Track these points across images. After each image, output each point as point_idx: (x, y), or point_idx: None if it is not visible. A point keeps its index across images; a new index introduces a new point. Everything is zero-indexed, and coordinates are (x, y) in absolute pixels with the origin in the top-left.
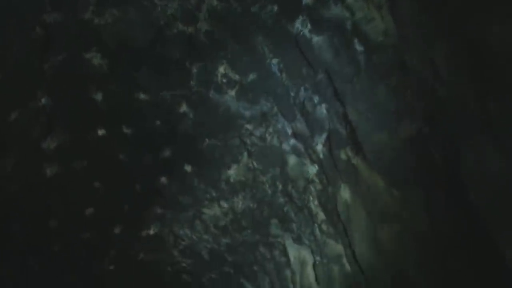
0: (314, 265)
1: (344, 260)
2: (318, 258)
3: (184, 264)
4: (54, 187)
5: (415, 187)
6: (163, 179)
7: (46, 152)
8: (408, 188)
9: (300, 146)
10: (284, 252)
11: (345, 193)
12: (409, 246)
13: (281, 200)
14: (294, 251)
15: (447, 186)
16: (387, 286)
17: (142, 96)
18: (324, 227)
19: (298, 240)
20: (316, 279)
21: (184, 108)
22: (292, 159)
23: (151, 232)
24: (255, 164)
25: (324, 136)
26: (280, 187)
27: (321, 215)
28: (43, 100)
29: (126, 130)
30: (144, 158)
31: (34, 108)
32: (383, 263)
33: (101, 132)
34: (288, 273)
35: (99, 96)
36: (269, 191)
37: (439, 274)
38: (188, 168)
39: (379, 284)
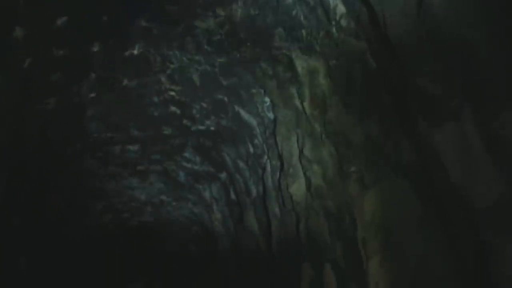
0: (328, 71)
1: (368, 56)
2: (333, 62)
3: (172, 93)
4: None
5: None
6: None
7: None
8: None
9: None
10: (290, 66)
11: None
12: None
13: (289, 1)
14: (302, 62)
15: None
16: (428, 57)
17: None
18: (343, 22)
19: (307, 49)
20: (331, 84)
21: None
22: None
23: (135, 52)
24: None
25: None
26: None
27: (341, 8)
28: None
29: None
30: None
31: None
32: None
33: None
34: (293, 89)
35: None
36: None
37: None
38: None
39: (420, 60)
